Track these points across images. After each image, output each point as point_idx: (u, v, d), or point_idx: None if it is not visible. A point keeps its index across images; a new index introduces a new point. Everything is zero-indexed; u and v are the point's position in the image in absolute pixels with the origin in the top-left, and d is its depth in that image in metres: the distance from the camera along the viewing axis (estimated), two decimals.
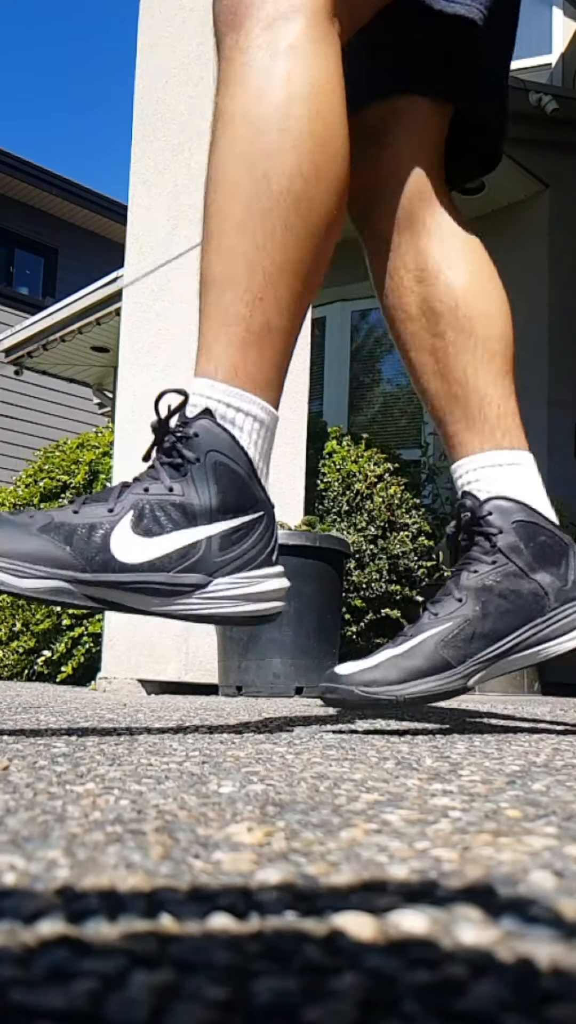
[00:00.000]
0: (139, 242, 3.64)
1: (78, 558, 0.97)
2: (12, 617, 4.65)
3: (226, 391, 1.06)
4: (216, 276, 1.07)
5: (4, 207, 12.55)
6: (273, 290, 1.05)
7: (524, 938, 0.33)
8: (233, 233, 1.06)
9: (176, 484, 1.03)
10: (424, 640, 1.17)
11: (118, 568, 0.98)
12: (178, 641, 3.18)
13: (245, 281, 1.05)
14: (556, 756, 0.94)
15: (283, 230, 1.06)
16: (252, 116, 1.07)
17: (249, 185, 1.06)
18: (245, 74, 1.08)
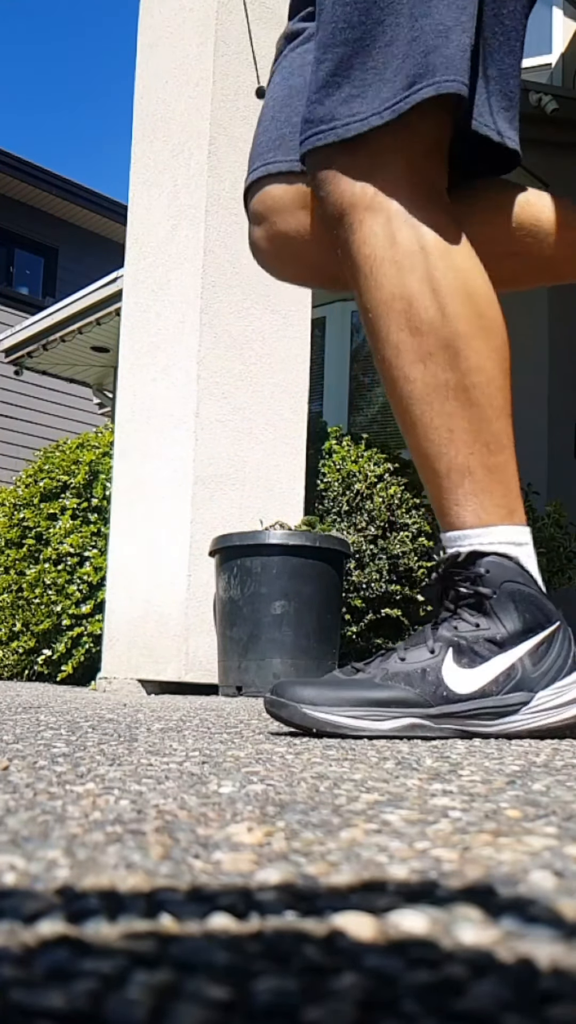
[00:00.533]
0: (139, 242, 3.64)
1: (422, 696, 1.11)
2: (12, 617, 4.65)
3: (480, 533, 1.15)
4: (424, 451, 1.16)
5: (4, 207, 12.54)
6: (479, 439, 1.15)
7: (524, 938, 0.33)
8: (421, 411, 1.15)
9: (481, 620, 1.15)
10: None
11: (455, 699, 1.12)
12: (178, 641, 3.18)
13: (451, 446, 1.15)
14: (556, 756, 0.94)
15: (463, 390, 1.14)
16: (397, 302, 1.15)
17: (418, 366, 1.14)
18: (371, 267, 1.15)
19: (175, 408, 3.34)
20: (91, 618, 4.13)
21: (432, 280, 1.14)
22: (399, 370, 1.15)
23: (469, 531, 1.15)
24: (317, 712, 1.09)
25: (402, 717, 1.10)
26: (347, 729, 1.09)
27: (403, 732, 1.10)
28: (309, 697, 1.11)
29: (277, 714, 1.13)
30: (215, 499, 3.27)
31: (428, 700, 1.11)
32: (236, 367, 3.38)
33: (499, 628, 1.14)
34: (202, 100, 3.43)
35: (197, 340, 3.30)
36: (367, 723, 1.09)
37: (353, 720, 1.09)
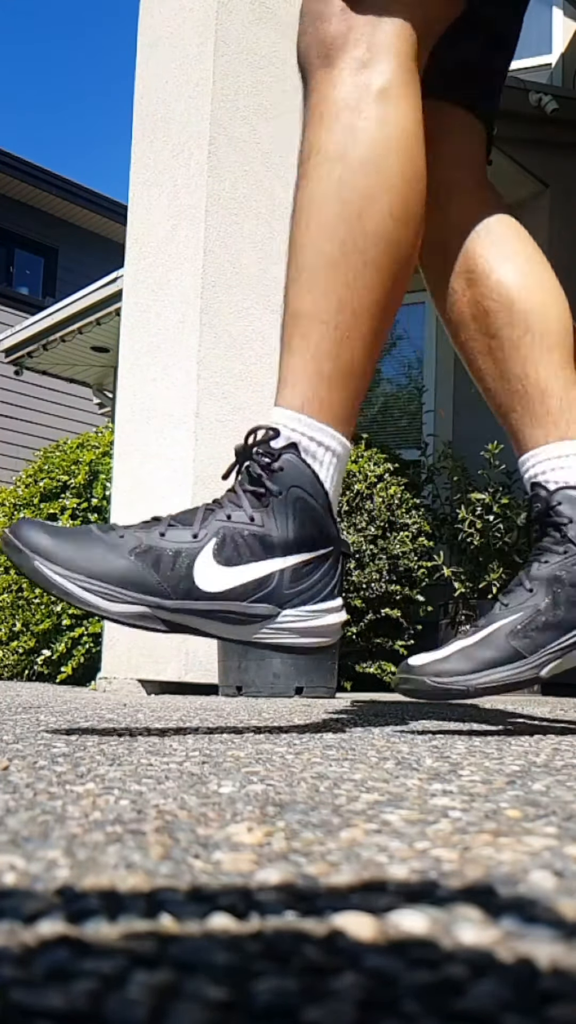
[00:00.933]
0: (139, 242, 3.64)
1: (164, 584, 1.02)
2: (12, 617, 4.65)
3: (310, 425, 1.09)
4: (305, 310, 1.09)
5: (4, 207, 12.55)
6: (359, 329, 1.09)
7: (524, 938, 0.33)
8: (325, 270, 1.09)
9: (257, 514, 1.07)
10: (495, 631, 1.18)
11: (199, 596, 1.03)
12: (178, 641, 3.18)
13: (335, 318, 1.08)
14: (556, 756, 0.94)
15: (374, 271, 1.09)
16: (348, 156, 1.10)
17: (344, 224, 1.09)
18: (340, 112, 1.10)
19: (175, 408, 3.34)
20: (91, 618, 4.13)
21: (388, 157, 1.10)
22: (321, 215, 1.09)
23: (303, 416, 1.09)
24: (48, 570, 1.00)
25: (135, 603, 1.01)
26: (74, 600, 1.00)
27: (130, 620, 1.02)
28: (45, 549, 1.01)
29: (8, 554, 1.03)
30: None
31: (168, 591, 1.02)
32: (236, 367, 3.38)
33: (272, 530, 1.07)
34: (202, 100, 3.43)
35: (197, 340, 3.30)
36: (98, 600, 1.00)
37: (83, 592, 1.00)
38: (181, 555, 1.03)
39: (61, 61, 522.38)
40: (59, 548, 1.01)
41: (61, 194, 12.60)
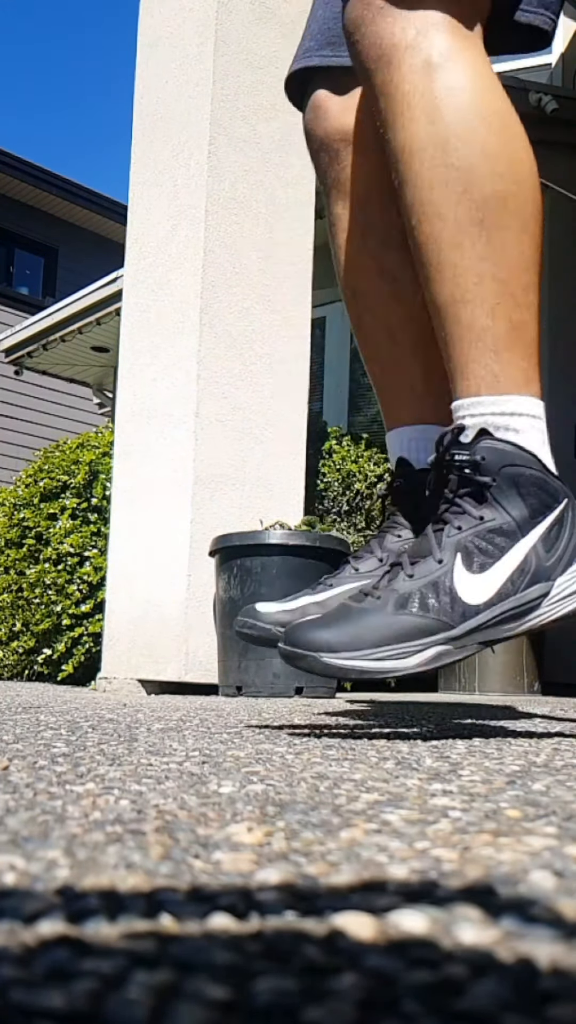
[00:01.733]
0: (139, 242, 3.64)
1: (440, 618, 1.03)
2: (12, 617, 4.65)
3: (494, 402, 1.08)
4: (447, 299, 1.10)
5: (4, 207, 12.54)
6: (506, 291, 1.08)
7: (524, 938, 0.33)
8: (451, 253, 1.09)
9: (484, 511, 1.06)
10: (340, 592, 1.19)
11: (475, 612, 1.04)
12: (178, 641, 3.18)
13: (478, 294, 1.08)
14: (556, 756, 0.94)
15: (499, 233, 1.09)
16: (431, 140, 1.10)
17: (452, 204, 1.09)
18: (409, 102, 1.11)
19: (175, 408, 3.34)
20: (91, 618, 4.13)
21: (470, 120, 1.10)
22: (431, 207, 1.10)
23: (484, 397, 1.08)
24: (338, 660, 1.01)
25: (425, 649, 1.03)
26: (373, 674, 1.02)
27: (429, 664, 1.03)
28: (326, 642, 1.02)
29: (296, 665, 1.05)
30: (215, 499, 3.27)
31: (447, 621, 1.04)
32: (236, 367, 3.38)
33: (505, 516, 1.06)
34: (202, 100, 3.43)
35: (197, 340, 3.30)
36: (393, 663, 1.02)
37: (377, 663, 1.01)
38: (438, 585, 1.04)
39: (61, 61, 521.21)
40: (335, 635, 1.02)
41: (61, 194, 12.59)
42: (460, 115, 1.10)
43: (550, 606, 1.06)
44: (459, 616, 1.04)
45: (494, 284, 1.08)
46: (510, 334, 1.08)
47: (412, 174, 1.11)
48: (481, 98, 1.12)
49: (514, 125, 1.13)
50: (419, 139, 1.11)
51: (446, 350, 1.11)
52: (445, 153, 1.09)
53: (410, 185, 1.12)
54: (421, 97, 1.11)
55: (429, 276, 1.11)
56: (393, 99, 1.13)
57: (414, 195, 1.11)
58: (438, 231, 1.09)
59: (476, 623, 1.04)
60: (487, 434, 1.07)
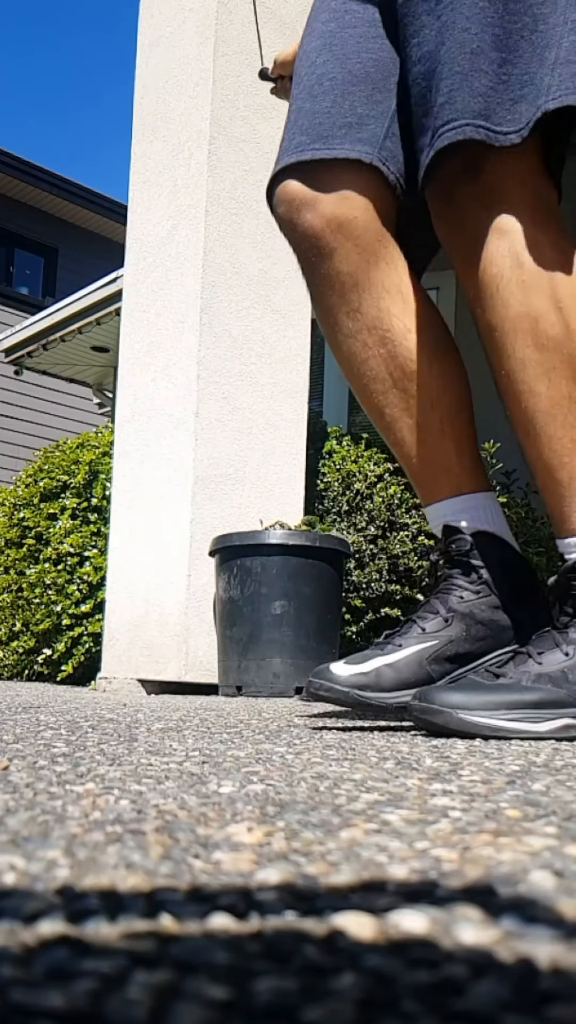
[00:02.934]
0: (139, 242, 3.64)
1: (571, 696, 1.16)
2: (12, 617, 4.65)
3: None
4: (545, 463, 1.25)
5: (4, 207, 12.54)
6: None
7: (524, 938, 0.33)
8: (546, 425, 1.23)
9: None
10: (412, 654, 1.29)
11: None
12: (178, 641, 3.18)
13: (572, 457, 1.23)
14: (556, 756, 0.94)
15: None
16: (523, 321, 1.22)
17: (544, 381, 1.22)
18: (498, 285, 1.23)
19: (175, 408, 3.34)
20: (91, 618, 4.13)
21: (557, 300, 1.21)
22: (524, 384, 1.23)
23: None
24: (474, 717, 1.11)
25: (557, 718, 1.14)
26: (508, 732, 1.12)
27: (559, 733, 1.14)
28: (461, 702, 1.12)
29: (430, 721, 1.13)
30: (215, 499, 3.27)
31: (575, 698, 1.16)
32: (236, 367, 3.38)
33: None
34: (202, 100, 3.43)
35: (197, 340, 3.30)
36: (526, 725, 1.13)
37: (512, 723, 1.12)
38: (568, 672, 1.17)
39: (61, 61, 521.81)
40: (469, 698, 1.13)
41: (61, 194, 12.59)
42: (544, 298, 1.21)
43: None
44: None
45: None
46: None
47: (506, 352, 1.24)
48: (564, 280, 1.22)
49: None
50: (509, 321, 1.22)
51: (547, 500, 1.28)
52: (534, 336, 1.21)
53: (504, 360, 1.24)
54: (508, 283, 1.22)
55: (529, 443, 1.26)
56: (481, 280, 1.23)
57: (509, 371, 1.24)
58: (533, 405, 1.23)
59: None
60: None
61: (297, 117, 1.32)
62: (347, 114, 1.28)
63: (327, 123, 1.28)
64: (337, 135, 1.27)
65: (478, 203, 1.23)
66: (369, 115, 1.28)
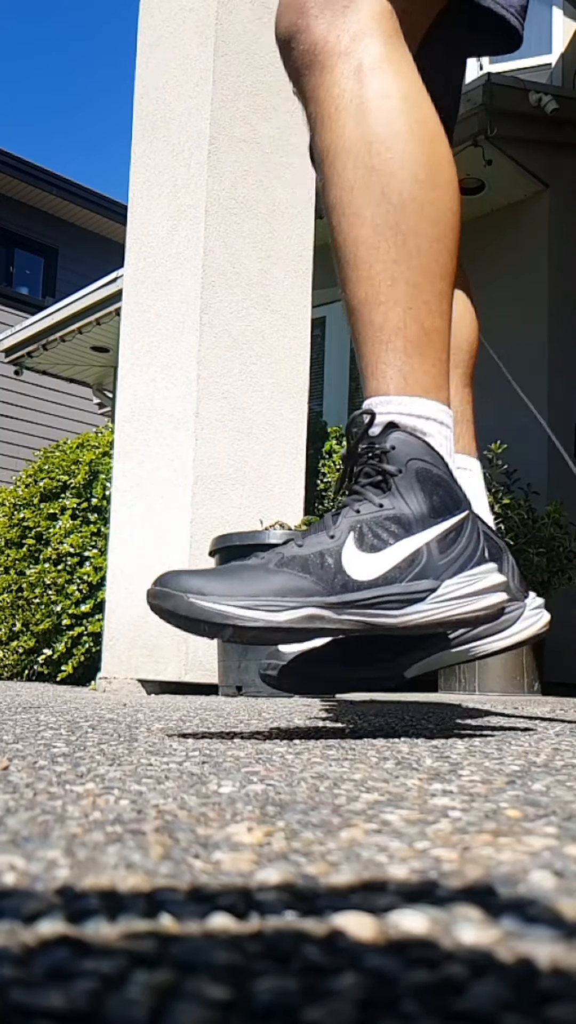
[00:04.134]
0: (139, 242, 3.64)
1: (319, 583, 1.02)
2: (12, 617, 4.65)
3: (402, 402, 1.08)
4: (362, 300, 1.10)
5: (4, 207, 12.54)
6: (420, 296, 1.09)
7: (524, 938, 0.33)
8: (367, 254, 1.10)
9: (385, 499, 1.06)
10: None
11: (356, 587, 1.02)
12: (178, 641, 3.18)
13: (391, 296, 1.09)
14: (556, 756, 0.94)
15: (413, 237, 1.10)
16: (355, 142, 1.11)
17: (371, 206, 1.10)
18: (337, 105, 1.13)
19: (175, 408, 3.34)
20: (91, 618, 4.13)
21: (396, 126, 1.12)
22: (350, 207, 1.11)
23: (392, 397, 1.08)
24: (204, 602, 0.99)
25: (299, 607, 1.00)
26: (237, 620, 0.99)
27: (300, 623, 1.01)
28: (196, 586, 1.00)
29: (160, 606, 1.01)
30: (215, 499, 3.27)
31: (326, 588, 1.02)
32: (236, 367, 3.38)
33: (404, 508, 1.06)
34: (202, 100, 3.43)
35: (197, 340, 3.30)
36: (260, 613, 0.99)
37: (244, 610, 0.99)
38: (325, 555, 1.03)
39: (61, 61, 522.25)
40: (209, 582, 1.01)
41: (61, 194, 12.59)
42: (386, 120, 1.12)
43: (433, 604, 1.05)
44: (339, 586, 1.02)
45: (407, 288, 1.09)
46: (421, 339, 1.09)
47: (335, 175, 1.13)
48: (409, 106, 1.13)
49: (438, 136, 1.15)
50: (343, 141, 1.12)
51: (359, 350, 1.12)
52: (368, 156, 1.11)
53: (333, 186, 1.13)
54: (350, 101, 1.12)
55: (347, 276, 1.12)
56: (323, 103, 1.14)
57: (336, 195, 1.13)
58: (356, 231, 1.11)
59: (355, 596, 1.02)
60: (395, 427, 1.07)
61: None
62: None
63: None
64: None
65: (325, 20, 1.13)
66: None
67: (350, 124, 1.12)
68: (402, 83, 1.13)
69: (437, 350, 1.10)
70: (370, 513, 1.05)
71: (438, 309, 1.10)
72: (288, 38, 1.17)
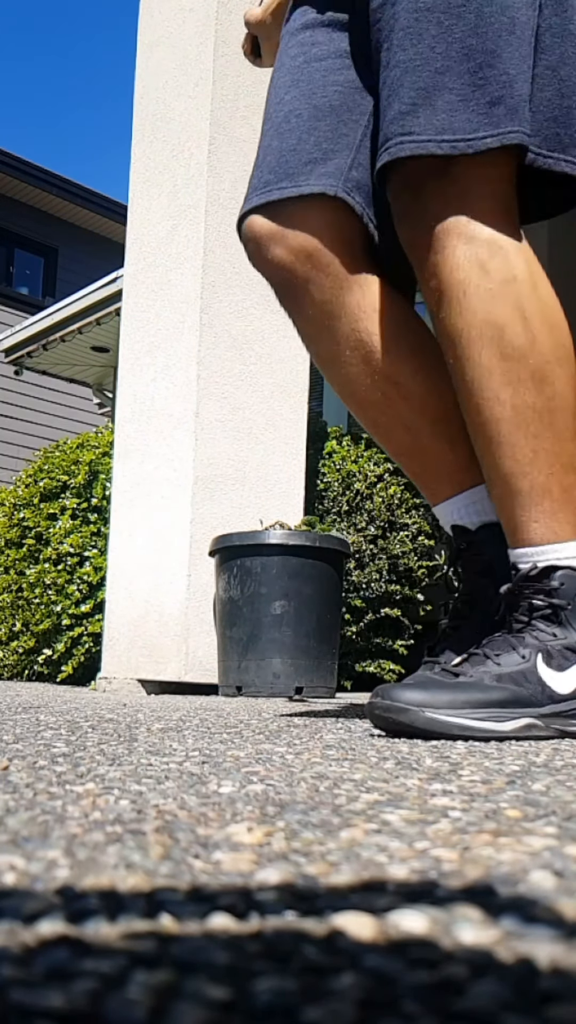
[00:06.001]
0: (139, 242, 3.64)
1: (532, 696, 1.16)
2: (12, 617, 4.65)
3: (557, 549, 1.23)
4: (507, 472, 1.24)
5: (4, 207, 12.54)
6: (559, 460, 1.23)
7: (524, 938, 0.33)
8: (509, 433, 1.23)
9: (556, 630, 1.22)
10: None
11: (559, 699, 1.18)
12: (178, 641, 3.18)
13: (534, 466, 1.23)
14: (556, 756, 0.94)
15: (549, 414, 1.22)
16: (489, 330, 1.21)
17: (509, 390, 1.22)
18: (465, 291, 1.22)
19: (175, 408, 3.34)
20: (91, 618, 4.13)
21: (522, 309, 1.22)
22: (489, 391, 1.22)
23: (546, 547, 1.22)
24: (440, 715, 1.10)
25: (520, 718, 1.14)
26: (474, 731, 1.10)
27: (521, 732, 1.14)
28: (426, 700, 1.10)
29: (395, 719, 1.10)
30: (215, 499, 3.27)
31: (537, 700, 1.16)
32: (236, 367, 3.38)
33: (574, 633, 1.21)
34: (202, 100, 3.43)
35: (197, 340, 3.30)
36: (491, 724, 1.12)
37: (478, 722, 1.11)
38: (526, 673, 1.17)
39: (61, 61, 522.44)
40: (434, 697, 1.11)
41: (61, 194, 12.59)
42: (510, 306, 1.21)
43: None
44: (547, 698, 1.17)
45: (548, 456, 1.22)
46: (563, 496, 1.23)
47: (471, 359, 1.23)
48: (533, 289, 1.23)
49: (559, 313, 1.25)
50: (474, 329, 1.22)
51: (505, 511, 1.26)
52: (499, 344, 1.21)
53: (467, 367, 1.23)
54: (476, 290, 1.21)
55: (490, 450, 1.25)
56: (446, 285, 1.23)
57: (472, 378, 1.23)
58: (497, 414, 1.22)
59: (560, 708, 1.17)
60: (557, 568, 1.22)
61: (265, 156, 1.34)
62: (312, 150, 1.30)
63: (292, 160, 1.31)
64: (303, 172, 1.29)
65: (443, 202, 1.22)
66: (334, 149, 1.30)
67: (480, 309, 1.21)
68: (522, 263, 1.23)
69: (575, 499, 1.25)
70: (548, 639, 1.21)
71: (572, 466, 1.24)
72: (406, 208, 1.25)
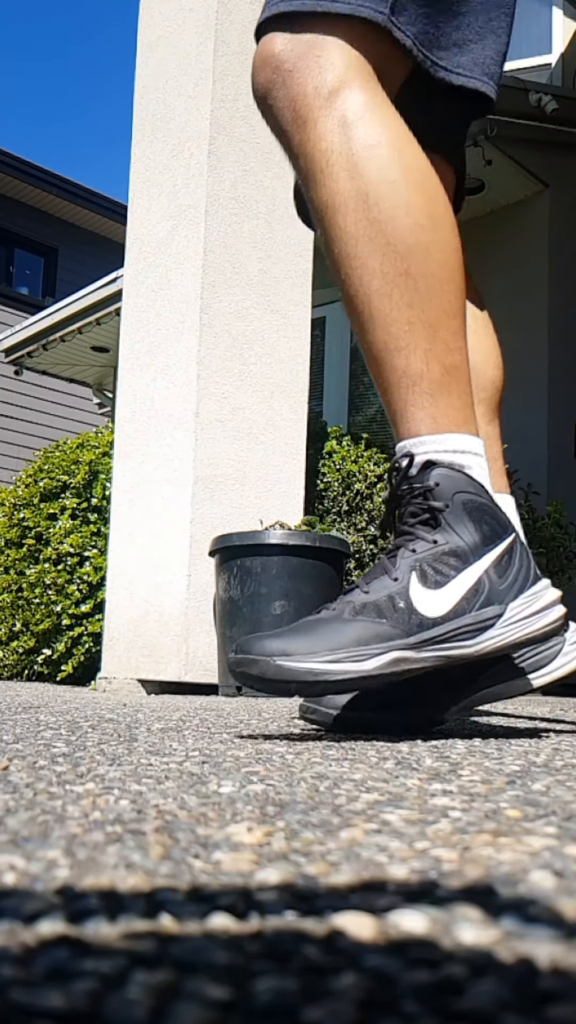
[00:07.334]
0: (139, 242, 3.64)
1: (396, 626, 1.04)
2: (12, 617, 4.65)
3: (436, 440, 1.11)
4: (381, 347, 1.13)
5: (4, 207, 12.54)
6: (437, 336, 1.12)
7: (524, 938, 0.33)
8: (380, 303, 1.12)
9: (437, 535, 1.09)
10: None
11: (431, 624, 1.06)
12: (178, 641, 3.18)
13: (410, 340, 1.12)
14: (556, 756, 0.94)
15: (424, 280, 1.12)
16: (352, 196, 1.13)
17: (378, 256, 1.12)
18: (328, 160, 1.14)
19: (175, 408, 3.34)
20: (91, 618, 4.13)
21: (388, 173, 1.13)
22: (358, 260, 1.12)
23: (425, 438, 1.10)
24: (291, 662, 1.00)
25: (384, 652, 1.02)
26: (327, 675, 1.00)
27: (387, 668, 1.03)
28: (279, 648, 1.01)
29: (248, 673, 1.02)
30: (215, 499, 3.27)
31: (404, 629, 1.04)
32: (236, 367, 3.38)
33: (458, 540, 1.08)
34: (202, 100, 3.43)
35: (197, 340, 3.30)
36: (348, 665, 1.01)
37: (332, 664, 1.01)
38: (395, 597, 1.05)
39: (61, 61, 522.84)
40: (290, 642, 1.02)
41: (61, 194, 12.59)
42: (379, 170, 1.13)
43: (503, 629, 1.09)
44: (415, 626, 1.05)
45: (424, 330, 1.11)
46: (444, 377, 1.12)
47: (337, 229, 1.14)
48: (398, 154, 1.15)
49: (431, 178, 1.17)
50: (341, 195, 1.14)
51: (385, 396, 1.14)
52: (367, 208, 1.12)
53: (336, 240, 1.14)
54: (339, 155, 1.13)
55: (363, 326, 1.14)
56: (312, 158, 1.15)
57: (341, 249, 1.14)
58: (367, 283, 1.12)
59: (432, 633, 1.05)
60: (434, 465, 1.10)
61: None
62: None
63: None
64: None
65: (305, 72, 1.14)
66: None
67: (343, 177, 1.13)
68: (387, 131, 1.14)
69: (461, 385, 1.13)
70: (426, 551, 1.08)
71: (455, 346, 1.13)
72: (265, 95, 1.19)
